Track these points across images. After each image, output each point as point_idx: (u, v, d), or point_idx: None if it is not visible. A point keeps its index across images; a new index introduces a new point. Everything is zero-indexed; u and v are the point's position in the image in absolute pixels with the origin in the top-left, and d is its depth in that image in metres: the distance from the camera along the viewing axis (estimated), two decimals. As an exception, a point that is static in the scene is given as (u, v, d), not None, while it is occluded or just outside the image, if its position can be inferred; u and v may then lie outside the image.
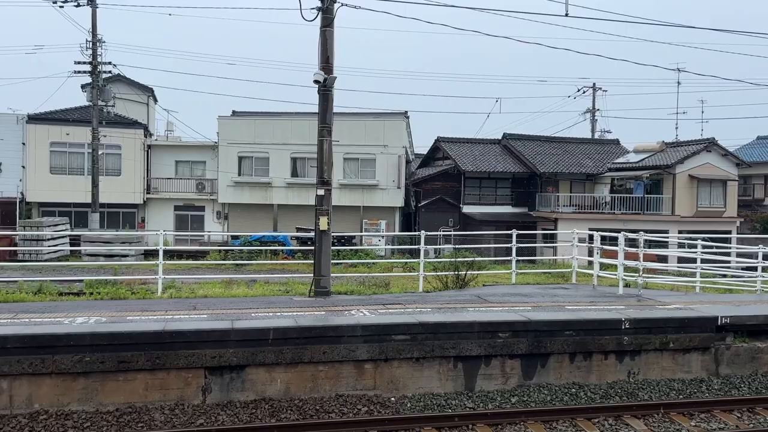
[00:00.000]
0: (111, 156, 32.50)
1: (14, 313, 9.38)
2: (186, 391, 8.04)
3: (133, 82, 36.57)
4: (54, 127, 32.43)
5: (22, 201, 31.81)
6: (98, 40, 27.38)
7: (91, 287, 14.10)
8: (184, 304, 10.81)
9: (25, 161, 31.98)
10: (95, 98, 27.85)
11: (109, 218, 32.37)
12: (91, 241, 24.91)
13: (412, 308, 10.40)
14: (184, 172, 35.40)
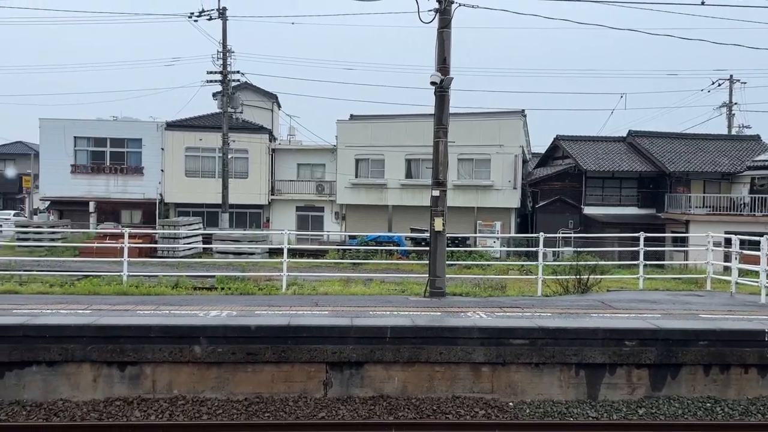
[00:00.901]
0: (239, 160, 34.53)
1: (156, 305, 10.23)
2: (308, 385, 8.37)
3: (258, 89, 38.64)
4: (189, 134, 34.99)
5: (161, 202, 34.60)
6: (228, 51, 29.21)
7: (221, 283, 15.10)
8: (307, 300, 11.26)
9: (164, 165, 34.76)
10: (225, 106, 29.73)
11: (237, 218, 34.43)
12: (221, 239, 26.63)
13: (531, 312, 10.14)
14: (305, 174, 36.84)
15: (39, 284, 13.33)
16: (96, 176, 34.44)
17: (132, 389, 8.19)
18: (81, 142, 34.52)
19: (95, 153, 34.72)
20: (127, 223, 33.66)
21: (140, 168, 34.71)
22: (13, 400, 7.98)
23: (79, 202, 34.30)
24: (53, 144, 34.03)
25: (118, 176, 34.58)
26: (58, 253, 24.61)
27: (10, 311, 9.17)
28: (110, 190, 34.53)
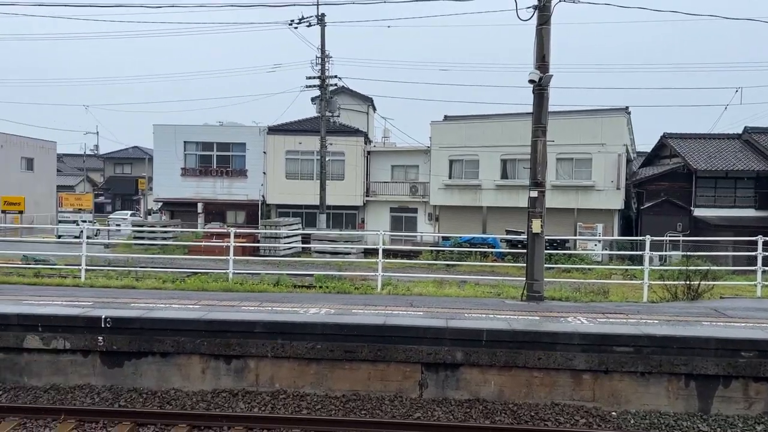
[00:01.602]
0: (336, 162, 35.35)
1: (259, 302, 10.66)
2: (404, 384, 8.43)
3: (355, 92, 39.39)
4: (289, 137, 36.25)
5: (263, 203, 36.06)
6: (326, 56, 29.98)
7: (320, 281, 15.51)
8: (401, 300, 11.34)
9: (266, 168, 36.19)
10: (323, 110, 30.53)
11: (333, 219, 35.27)
12: (319, 239, 27.37)
13: (636, 319, 9.68)
14: (399, 176, 37.13)
15: (153, 280, 14.25)
16: (203, 179, 36.41)
17: (237, 382, 8.59)
18: (190, 146, 36.62)
19: (203, 157, 36.71)
20: (231, 223, 35.36)
21: (244, 171, 36.33)
22: (131, 387, 8.59)
23: (188, 203, 36.42)
24: (165, 148, 36.33)
25: (224, 179, 36.38)
26: (169, 251, 26.26)
27: (129, 305, 9.87)
28: (216, 192, 36.40)
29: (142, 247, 27.53)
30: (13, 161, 45.72)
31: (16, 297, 10.41)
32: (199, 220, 35.84)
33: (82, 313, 8.95)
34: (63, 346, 8.67)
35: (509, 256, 23.34)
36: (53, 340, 8.67)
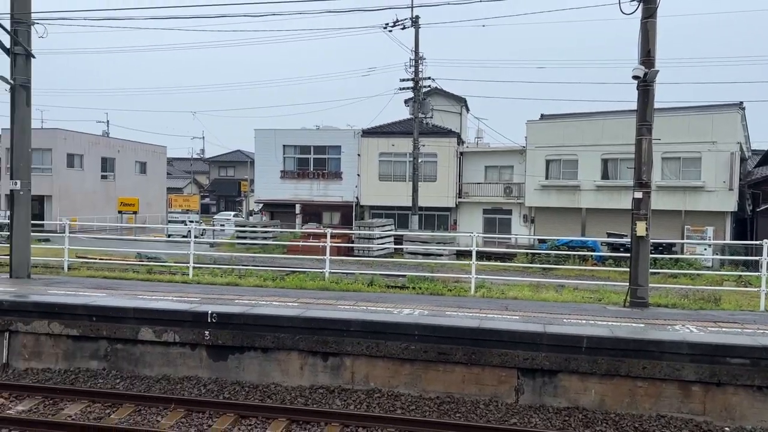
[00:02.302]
0: (428, 163, 35.36)
1: (354, 301, 10.85)
2: (499, 389, 8.29)
3: (448, 93, 39.25)
4: (382, 140, 36.67)
5: (357, 204, 36.68)
6: (419, 58, 30.08)
7: (412, 282, 15.55)
8: (496, 304, 11.16)
9: (360, 170, 36.79)
10: (416, 111, 30.64)
11: (426, 220, 35.29)
12: (411, 240, 27.48)
13: (752, 329, 9.00)
14: (493, 176, 36.59)
15: (255, 278, 14.86)
16: (301, 181, 37.56)
17: (333, 379, 8.79)
18: (289, 150, 37.89)
19: (301, 160, 37.87)
20: (327, 223, 36.24)
21: (339, 173, 37.14)
22: (234, 380, 9.00)
23: (286, 204, 37.69)
24: (266, 152, 37.80)
25: (320, 180, 37.35)
26: (269, 250, 27.29)
27: (233, 301, 10.35)
28: (313, 194, 37.43)
29: (244, 246, 28.77)
30: (129, 165, 49.19)
31: (131, 292, 11.18)
32: (296, 221, 37.00)
33: (190, 308, 9.48)
34: (173, 339, 9.22)
35: (610, 260, 22.39)
36: (164, 333, 9.24)
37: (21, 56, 12.36)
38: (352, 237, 28.88)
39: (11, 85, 12.38)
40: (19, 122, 12.59)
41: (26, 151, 12.72)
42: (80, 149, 44.15)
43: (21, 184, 12.57)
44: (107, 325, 9.39)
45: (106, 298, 10.16)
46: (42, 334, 9.57)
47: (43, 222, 34.79)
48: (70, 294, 10.52)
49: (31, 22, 12.44)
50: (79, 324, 9.46)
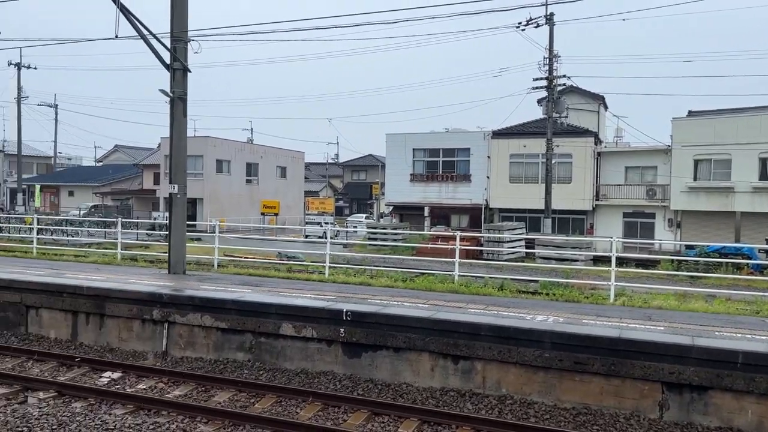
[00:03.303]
0: (562, 164, 34.14)
1: (485, 305, 10.74)
2: (641, 403, 7.81)
3: (584, 91, 37.66)
4: (513, 141, 35.95)
5: (486, 207, 36.24)
6: (554, 56, 29.14)
7: (545, 288, 15.07)
8: (638, 313, 10.53)
9: (489, 172, 36.34)
10: (550, 111, 29.70)
11: (559, 224, 34.09)
12: (543, 244, 26.64)
13: None
14: (634, 178, 34.57)
15: (386, 278, 15.17)
16: (430, 183, 37.81)
17: (464, 382, 8.75)
18: (418, 153, 38.30)
19: (430, 163, 38.14)
20: (455, 226, 36.16)
21: (468, 175, 36.92)
22: (367, 378, 9.25)
23: (416, 207, 38.12)
24: (396, 155, 38.49)
25: (449, 183, 37.36)
26: (399, 251, 27.73)
27: (366, 300, 10.64)
28: (441, 196, 37.53)
29: (374, 248, 29.47)
30: (270, 170, 52.23)
31: (274, 289, 11.86)
32: (425, 223, 37.29)
33: (327, 305, 9.88)
34: (311, 334, 9.66)
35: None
36: (303, 328, 9.71)
37: (179, 71, 13.57)
38: (481, 240, 28.56)
39: (170, 97, 13.63)
40: (177, 131, 13.84)
41: (183, 158, 13.95)
42: (228, 155, 47.58)
43: (178, 187, 13.79)
44: (252, 319, 10.05)
45: (252, 295, 10.87)
46: (195, 325, 10.44)
47: (195, 223, 37.90)
48: (220, 290, 11.36)
49: (187, 39, 13.62)
50: (227, 318, 10.20)
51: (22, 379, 8.83)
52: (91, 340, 11.20)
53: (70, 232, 27.21)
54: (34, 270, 13.61)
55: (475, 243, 28.64)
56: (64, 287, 11.50)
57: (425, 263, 19.85)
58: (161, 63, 13.48)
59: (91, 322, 11.23)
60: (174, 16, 13.41)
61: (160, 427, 7.34)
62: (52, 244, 23.26)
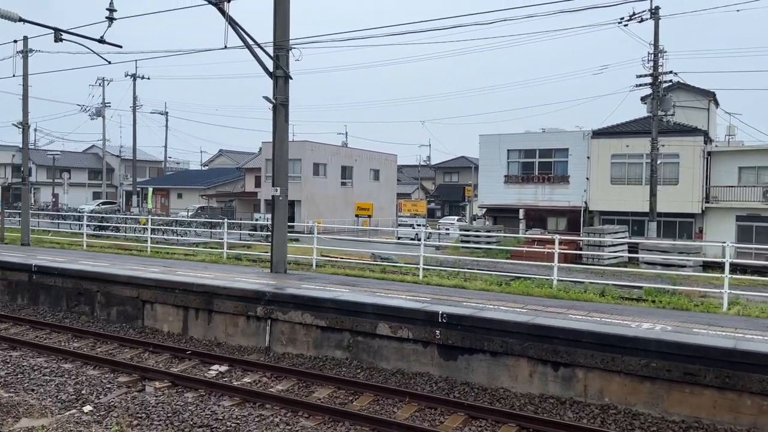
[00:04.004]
0: (668, 165, 32.38)
1: (586, 311, 10.39)
2: (761, 419, 7.28)
3: (692, 88, 35.57)
4: (614, 140, 34.50)
5: (585, 209, 34.99)
6: (659, 51, 27.72)
7: (650, 295, 14.38)
8: (755, 323, 9.82)
9: (589, 173, 35.07)
10: (655, 109, 28.27)
11: (665, 227, 32.35)
12: (648, 249, 25.37)
13: None
14: (749, 179, 32.22)
15: (480, 282, 15.02)
16: (525, 185, 37.02)
17: (564, 390, 8.52)
18: (513, 154, 37.61)
19: (525, 164, 37.35)
20: (552, 229, 35.21)
21: (566, 177, 35.83)
22: (463, 381, 9.21)
23: (510, 209, 37.44)
24: (489, 157, 38.00)
25: (545, 185, 36.41)
26: (492, 254, 27.35)
27: (461, 303, 10.60)
28: (537, 198, 36.63)
29: (467, 250, 29.22)
30: (364, 173, 53.10)
31: (370, 289, 12.06)
32: (520, 226, 36.54)
33: (422, 307, 9.93)
34: (407, 335, 9.75)
35: None
36: (399, 329, 9.81)
37: (281, 78, 14.11)
38: (580, 244, 27.61)
39: (273, 104, 14.19)
40: (279, 137, 14.39)
41: (284, 162, 14.48)
42: (324, 159, 48.84)
43: (280, 190, 14.33)
44: (350, 318, 10.27)
45: (349, 294, 11.11)
46: (296, 323, 10.81)
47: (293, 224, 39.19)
48: (319, 289, 11.70)
49: (288, 48, 14.14)
50: (326, 316, 10.49)
51: (141, 369, 9.51)
52: (200, 334, 11.86)
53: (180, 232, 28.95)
54: (149, 267, 14.59)
55: (574, 247, 27.73)
56: (176, 284, 12.26)
57: (520, 267, 19.47)
58: (264, 71, 14.07)
59: (200, 317, 11.91)
60: (276, 26, 13.96)
61: (265, 419, 7.67)
62: (163, 243, 24.85)
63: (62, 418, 7.43)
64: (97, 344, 11.28)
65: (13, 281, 14.92)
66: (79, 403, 8.11)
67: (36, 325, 12.57)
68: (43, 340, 11.45)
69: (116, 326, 12.64)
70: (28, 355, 10.38)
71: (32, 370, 9.52)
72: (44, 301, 14.31)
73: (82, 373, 9.43)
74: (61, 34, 12.73)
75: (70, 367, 9.75)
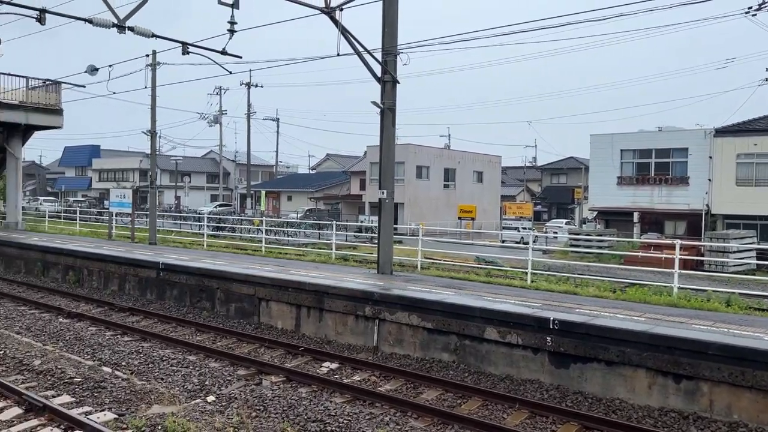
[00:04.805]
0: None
1: (711, 321, 9.72)
2: None
3: (832, 79, 32.25)
4: (740, 139, 31.99)
5: (707, 213, 32.71)
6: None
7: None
8: None
9: (711, 174, 32.76)
10: (788, 103, 25.95)
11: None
12: (780, 256, 23.32)
13: None
14: None
15: (593, 288, 14.45)
16: (640, 187, 35.17)
17: (687, 404, 8.02)
18: (627, 154, 35.86)
19: (640, 164, 35.50)
20: (669, 234, 33.21)
21: (685, 178, 33.68)
22: (576, 390, 8.91)
23: (623, 212, 35.72)
24: (601, 157, 36.45)
25: (662, 187, 34.42)
26: (604, 259, 26.23)
27: (573, 310, 10.25)
28: (654, 201, 34.69)
29: (577, 255, 28.24)
30: (467, 175, 52.71)
31: (476, 293, 11.96)
32: (634, 230, 34.78)
33: (532, 312, 9.71)
34: (516, 341, 9.57)
35: None
36: (508, 334, 9.66)
37: (389, 83, 14.33)
38: (702, 249, 25.87)
39: (381, 108, 14.44)
40: (386, 140, 14.61)
41: (391, 165, 14.69)
42: (427, 161, 48.99)
43: (387, 193, 14.55)
44: (457, 321, 10.24)
45: (455, 297, 11.08)
46: (403, 324, 10.92)
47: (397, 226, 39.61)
48: (425, 291, 11.76)
49: (396, 52, 14.33)
50: (433, 318, 10.53)
51: (258, 363, 10.00)
52: (311, 331, 12.29)
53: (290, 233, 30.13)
54: (264, 267, 15.31)
55: (694, 252, 26.05)
56: (289, 283, 12.78)
57: (635, 273, 18.55)
58: (373, 76, 14.34)
59: (311, 315, 12.33)
60: (385, 32, 14.18)
61: (375, 418, 7.82)
62: (275, 243, 25.97)
63: (189, 407, 7.97)
64: (218, 338, 11.99)
65: (143, 277, 16.17)
66: (203, 393, 8.66)
67: (163, 318, 13.55)
68: (169, 333, 12.32)
69: (234, 322, 13.37)
70: (157, 347, 11.21)
71: (161, 360, 10.28)
72: (170, 296, 15.40)
73: (205, 365, 10.06)
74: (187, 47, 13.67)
75: (194, 359, 10.43)
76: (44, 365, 9.50)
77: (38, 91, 27.27)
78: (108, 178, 73.82)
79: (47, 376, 9.06)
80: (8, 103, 25.85)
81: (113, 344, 11.30)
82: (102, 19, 12.59)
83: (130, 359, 10.31)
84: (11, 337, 11.39)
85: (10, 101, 25.91)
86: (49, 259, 19.43)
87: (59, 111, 27.88)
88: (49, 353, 10.24)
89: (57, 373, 9.13)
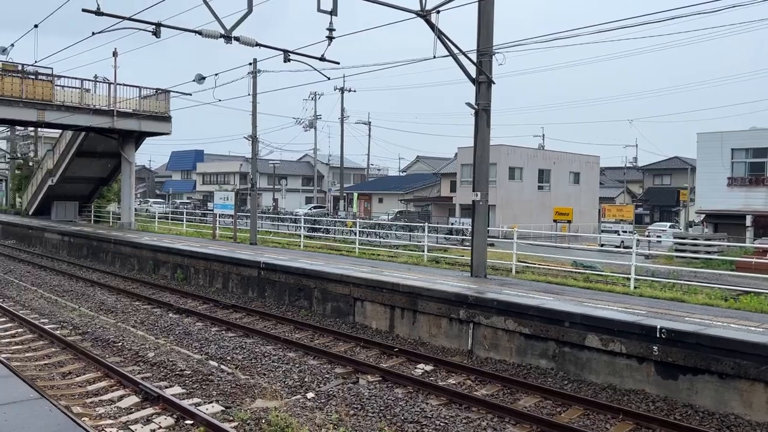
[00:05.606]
0: None
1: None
2: None
3: None
4: None
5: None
6: None
7: None
8: None
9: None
10: None
11: None
12: None
13: None
14: None
15: (702, 295, 13.62)
16: (754, 189, 32.81)
17: (814, 424, 7.39)
18: (738, 154, 33.56)
19: (753, 164, 33.13)
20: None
21: (806, 178, 31.04)
22: (685, 403, 8.43)
23: (734, 215, 33.44)
24: (709, 157, 34.32)
25: (779, 188, 31.90)
26: (713, 265, 24.62)
27: (681, 318, 9.70)
28: (769, 203, 32.24)
29: (683, 260, 26.68)
30: (563, 176, 51.13)
31: (575, 298, 11.58)
32: (747, 234, 32.45)
33: (637, 320, 9.28)
34: (619, 349, 9.18)
35: None
36: (611, 342, 9.29)
37: (483, 83, 14.18)
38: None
39: (475, 109, 14.30)
40: (481, 142, 14.46)
41: (485, 167, 14.53)
42: (520, 162, 47.99)
43: (481, 195, 14.40)
44: (555, 327, 9.97)
45: (554, 302, 10.78)
46: (499, 328, 10.76)
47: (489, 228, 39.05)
48: (521, 295, 11.52)
49: (492, 53, 14.16)
50: (530, 324, 10.30)
51: (354, 362, 10.18)
52: (405, 332, 12.36)
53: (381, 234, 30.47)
54: (358, 267, 15.57)
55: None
56: (383, 284, 12.92)
57: (749, 280, 17.29)
58: (467, 77, 14.24)
59: (405, 316, 12.41)
60: (480, 33, 14.06)
61: (472, 422, 7.75)
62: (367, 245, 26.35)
63: (290, 402, 8.24)
64: (315, 336, 12.32)
65: (245, 276, 16.90)
66: (303, 390, 8.93)
67: (264, 316, 14.09)
68: (270, 330, 12.80)
69: (331, 320, 13.69)
70: (259, 343, 11.67)
71: (263, 356, 10.69)
72: (270, 294, 15.99)
73: (304, 362, 10.37)
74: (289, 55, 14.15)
75: (294, 356, 10.77)
76: (157, 357, 10.14)
77: (149, 99, 29.23)
78: (210, 182, 77.73)
79: (160, 367, 9.66)
80: (123, 111, 27.88)
81: (219, 339, 11.88)
82: (211, 31, 13.27)
83: (234, 354, 10.79)
84: (128, 330, 12.25)
85: (125, 110, 27.95)
86: (160, 257, 20.71)
87: (168, 118, 29.73)
88: (161, 346, 10.92)
89: (169, 365, 9.72)
